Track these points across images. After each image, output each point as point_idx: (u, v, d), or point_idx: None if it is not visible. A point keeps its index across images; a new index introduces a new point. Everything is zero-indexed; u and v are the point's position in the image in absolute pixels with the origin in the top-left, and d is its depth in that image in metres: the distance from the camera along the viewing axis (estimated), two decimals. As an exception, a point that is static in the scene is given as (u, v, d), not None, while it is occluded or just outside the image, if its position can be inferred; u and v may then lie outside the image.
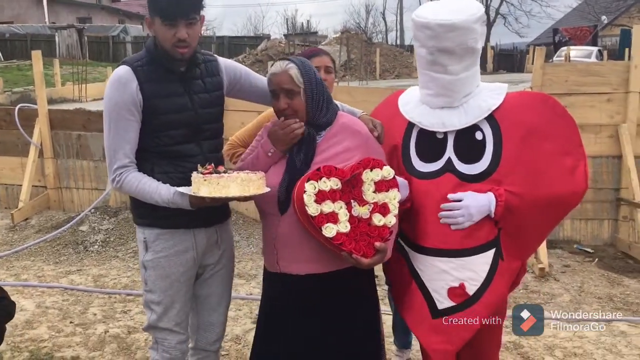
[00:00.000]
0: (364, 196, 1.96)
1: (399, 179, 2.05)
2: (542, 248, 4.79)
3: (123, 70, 2.05)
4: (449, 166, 2.05)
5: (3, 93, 14.81)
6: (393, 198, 1.98)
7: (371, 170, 1.96)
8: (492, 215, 1.98)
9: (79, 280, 4.66)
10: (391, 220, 1.98)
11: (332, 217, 1.90)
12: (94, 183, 6.52)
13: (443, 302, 2.05)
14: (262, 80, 2.29)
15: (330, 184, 1.90)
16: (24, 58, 19.83)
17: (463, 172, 2.03)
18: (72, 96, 15.54)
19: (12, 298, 4.22)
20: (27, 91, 14.64)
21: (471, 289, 2.02)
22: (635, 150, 5.24)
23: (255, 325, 2.34)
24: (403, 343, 3.21)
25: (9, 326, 3.50)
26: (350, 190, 1.95)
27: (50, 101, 11.60)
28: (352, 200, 1.95)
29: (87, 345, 3.56)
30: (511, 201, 1.97)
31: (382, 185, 1.97)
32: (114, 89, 2.03)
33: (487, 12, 40.13)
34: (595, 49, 23.33)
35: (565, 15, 39.47)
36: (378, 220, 1.96)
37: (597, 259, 5.05)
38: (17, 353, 3.44)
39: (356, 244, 1.92)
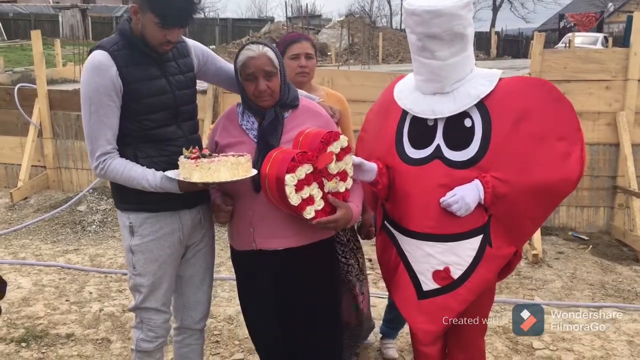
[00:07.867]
0: (329, 171, 2.04)
1: (369, 163, 2.16)
2: (537, 234, 4.81)
3: (101, 55, 2.00)
4: (437, 153, 2.07)
5: (4, 72, 14.75)
6: (349, 162, 2.10)
7: (333, 145, 2.03)
8: (482, 202, 2.00)
9: (76, 260, 4.71)
10: (350, 183, 2.11)
11: (310, 200, 1.98)
12: (92, 164, 6.53)
13: (428, 284, 2.11)
14: (226, 64, 2.33)
15: (305, 170, 1.95)
16: (27, 38, 19.71)
17: (451, 158, 2.05)
18: (73, 77, 15.50)
19: (10, 276, 4.28)
20: (27, 71, 14.54)
21: (456, 273, 2.06)
22: (633, 139, 5.24)
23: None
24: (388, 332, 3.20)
25: (5, 303, 3.54)
26: (319, 169, 2.01)
27: (51, 81, 11.57)
28: (322, 179, 2.02)
29: (82, 322, 3.61)
30: (499, 188, 1.98)
31: (341, 155, 2.06)
32: (94, 74, 1.99)
33: (493, -4, 39.68)
34: (600, 35, 22.82)
35: (573, 1, 39.03)
36: (341, 187, 2.08)
37: (591, 246, 5.07)
38: (13, 329, 3.49)
39: (327, 214, 2.04)
